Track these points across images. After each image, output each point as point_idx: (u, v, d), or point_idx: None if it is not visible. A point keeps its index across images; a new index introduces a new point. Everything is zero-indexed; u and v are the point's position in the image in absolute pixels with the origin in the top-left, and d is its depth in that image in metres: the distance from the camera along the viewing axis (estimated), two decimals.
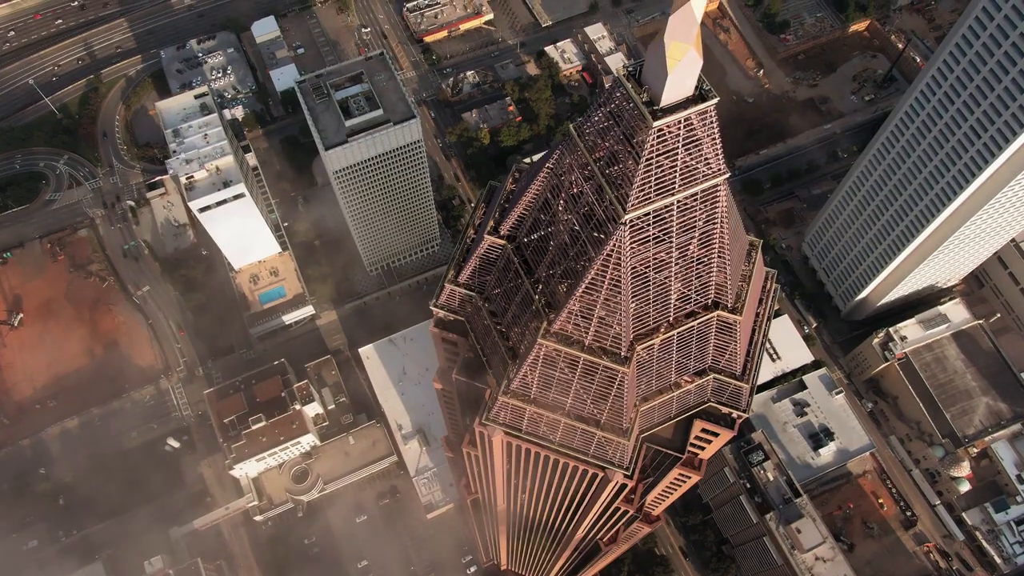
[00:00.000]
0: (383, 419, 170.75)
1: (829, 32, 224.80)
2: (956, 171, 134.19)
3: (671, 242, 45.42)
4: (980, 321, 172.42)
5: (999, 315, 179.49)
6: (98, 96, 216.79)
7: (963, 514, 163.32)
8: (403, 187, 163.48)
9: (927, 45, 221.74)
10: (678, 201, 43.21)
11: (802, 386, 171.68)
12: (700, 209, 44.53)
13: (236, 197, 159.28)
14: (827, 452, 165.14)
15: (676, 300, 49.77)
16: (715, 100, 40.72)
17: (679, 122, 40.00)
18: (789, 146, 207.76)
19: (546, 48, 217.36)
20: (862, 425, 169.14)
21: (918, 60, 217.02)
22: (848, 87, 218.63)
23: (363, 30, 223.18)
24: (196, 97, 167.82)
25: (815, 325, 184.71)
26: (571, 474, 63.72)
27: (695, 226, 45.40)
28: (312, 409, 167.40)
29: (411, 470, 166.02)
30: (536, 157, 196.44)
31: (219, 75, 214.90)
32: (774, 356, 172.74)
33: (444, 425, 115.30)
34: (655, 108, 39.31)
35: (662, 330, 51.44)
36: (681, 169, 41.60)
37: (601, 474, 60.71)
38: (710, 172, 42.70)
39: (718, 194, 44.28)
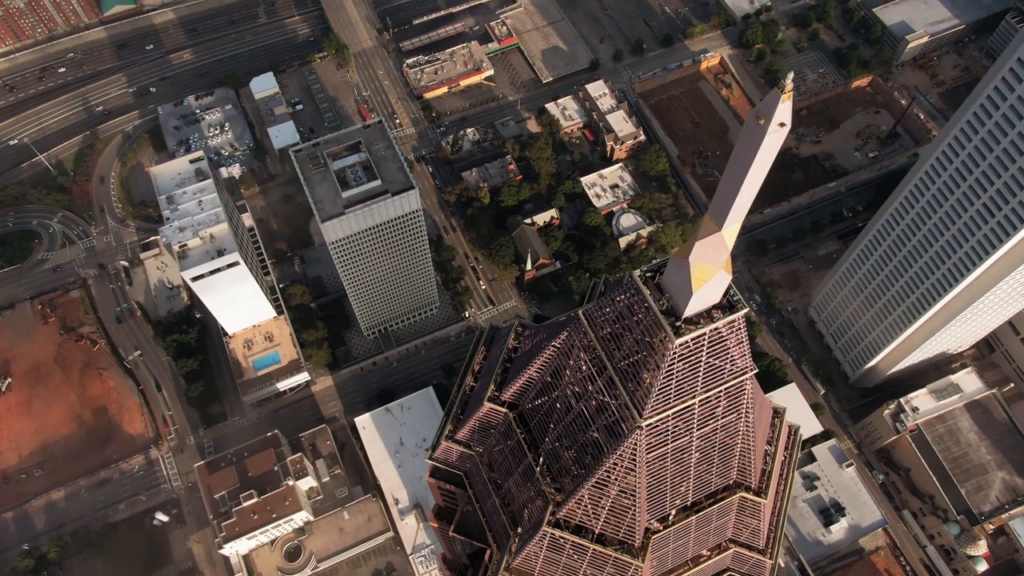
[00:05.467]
0: (379, 492, 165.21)
1: (831, 88, 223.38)
2: (973, 244, 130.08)
3: (691, 435, 41.40)
4: (993, 390, 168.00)
5: (1012, 384, 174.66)
6: (94, 152, 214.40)
7: None
8: (401, 255, 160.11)
9: (930, 101, 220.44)
10: (700, 400, 39.35)
11: (811, 458, 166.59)
12: (724, 402, 40.58)
13: (230, 266, 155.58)
14: (838, 529, 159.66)
15: (696, 485, 45.62)
16: (744, 311, 36.75)
17: (705, 334, 36.16)
18: (794, 205, 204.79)
19: (547, 105, 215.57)
20: (874, 499, 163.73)
21: (921, 116, 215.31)
22: (852, 143, 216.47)
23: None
24: (191, 162, 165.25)
25: (823, 392, 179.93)
26: None
27: (717, 419, 41.43)
28: (306, 483, 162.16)
29: (408, 547, 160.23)
30: (538, 219, 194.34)
31: (216, 132, 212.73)
32: None
33: None
34: (677, 323, 35.49)
35: (680, 514, 47.26)
36: (704, 372, 37.70)
37: None
38: (736, 370, 38.84)
39: (743, 388, 40.34)
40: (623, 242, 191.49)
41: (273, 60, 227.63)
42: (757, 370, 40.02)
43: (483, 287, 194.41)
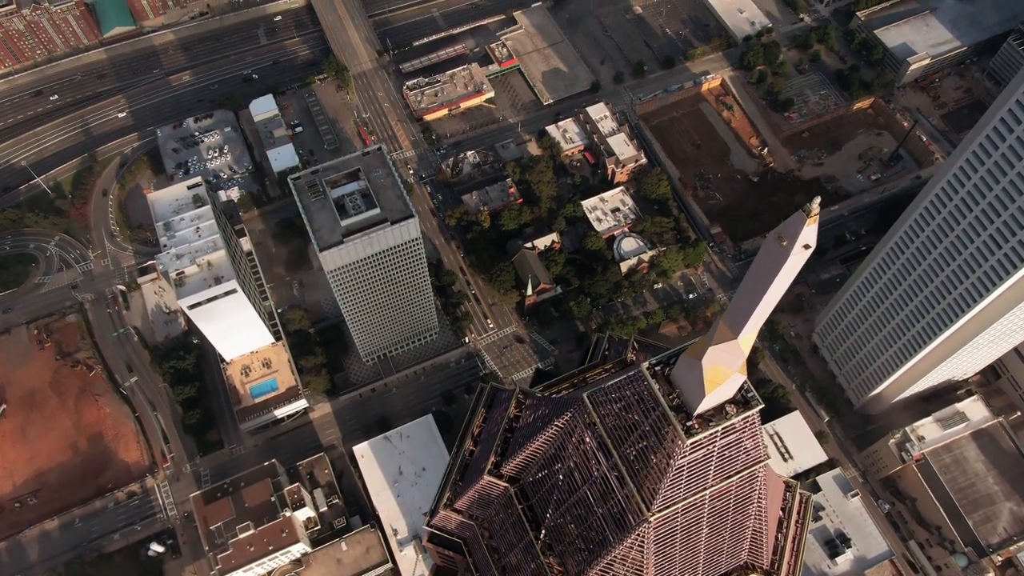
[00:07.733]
0: (377, 522, 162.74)
1: (833, 110, 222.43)
2: (980, 274, 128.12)
3: (701, 524, 39.60)
4: (1000, 419, 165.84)
5: (1019, 412, 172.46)
6: (92, 175, 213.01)
7: None
8: (401, 282, 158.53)
9: (932, 123, 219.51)
10: (711, 492, 37.60)
11: (816, 488, 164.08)
12: (736, 490, 38.80)
13: (227, 293, 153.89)
14: (844, 561, 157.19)
15: (706, 568, 43.76)
16: (759, 407, 35.07)
17: (718, 432, 34.48)
18: None
19: (547, 127, 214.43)
20: (880, 529, 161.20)
21: (924, 139, 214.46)
22: (854, 166, 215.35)
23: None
24: (189, 187, 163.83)
25: (827, 419, 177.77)
26: None
27: (729, 506, 39.63)
28: (303, 513, 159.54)
29: None
30: (539, 243, 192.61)
31: (215, 154, 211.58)
32: (786, 456, 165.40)
33: None
34: (688, 421, 33.78)
35: None
36: (716, 465, 35.97)
37: None
38: (749, 460, 37.13)
39: (756, 475, 38.58)
40: (624, 266, 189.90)
41: (272, 82, 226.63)
42: (769, 459, 38.35)
43: (489, 322, 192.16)
